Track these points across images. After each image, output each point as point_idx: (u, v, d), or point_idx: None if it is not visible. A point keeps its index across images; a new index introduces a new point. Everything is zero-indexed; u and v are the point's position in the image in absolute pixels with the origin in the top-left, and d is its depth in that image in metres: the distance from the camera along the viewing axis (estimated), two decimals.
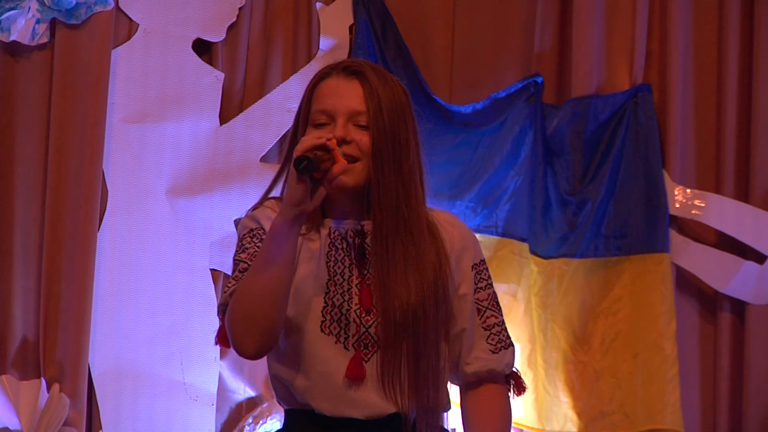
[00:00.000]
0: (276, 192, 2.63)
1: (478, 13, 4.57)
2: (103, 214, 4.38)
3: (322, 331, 2.53)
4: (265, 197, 2.62)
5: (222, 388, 4.39)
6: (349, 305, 2.53)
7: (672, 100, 4.38)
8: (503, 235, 4.37)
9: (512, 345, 2.66)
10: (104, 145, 4.34)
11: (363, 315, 2.53)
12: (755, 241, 4.33)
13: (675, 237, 4.35)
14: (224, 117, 4.47)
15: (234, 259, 2.55)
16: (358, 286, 2.54)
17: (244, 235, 2.56)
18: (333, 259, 2.55)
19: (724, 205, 4.35)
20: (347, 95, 2.55)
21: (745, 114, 4.38)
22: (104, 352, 4.36)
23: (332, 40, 4.48)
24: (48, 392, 4.24)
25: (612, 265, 4.34)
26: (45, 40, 4.33)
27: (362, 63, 2.60)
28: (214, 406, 4.38)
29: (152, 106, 4.43)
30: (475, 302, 2.62)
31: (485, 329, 2.62)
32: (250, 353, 2.46)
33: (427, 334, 2.52)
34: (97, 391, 4.34)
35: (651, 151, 4.33)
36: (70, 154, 4.30)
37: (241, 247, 2.55)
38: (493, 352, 2.62)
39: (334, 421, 2.53)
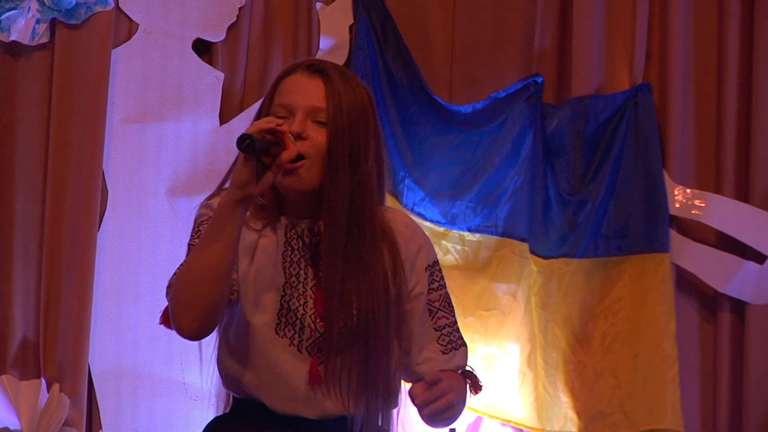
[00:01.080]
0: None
1: (478, 13, 4.57)
2: (103, 214, 4.38)
3: (276, 333, 2.54)
4: (221, 186, 2.62)
5: (222, 388, 4.38)
6: (304, 309, 2.54)
7: (672, 100, 4.38)
8: (503, 235, 4.37)
9: (464, 345, 2.66)
10: (104, 145, 4.34)
11: (317, 320, 2.53)
12: (755, 241, 4.33)
13: (675, 237, 4.35)
14: (224, 117, 4.47)
15: (188, 244, 2.56)
16: (313, 289, 2.54)
17: (201, 222, 2.57)
18: (289, 259, 2.56)
19: (724, 205, 4.35)
20: (308, 92, 2.55)
21: (745, 114, 4.38)
22: (104, 352, 4.36)
23: (332, 40, 4.48)
24: (48, 392, 4.24)
25: (612, 265, 4.34)
26: (45, 40, 4.33)
27: (326, 63, 2.60)
28: (215, 406, 4.37)
29: (152, 106, 4.43)
30: (427, 303, 2.62)
31: (436, 330, 2.63)
32: (188, 332, 2.47)
33: (378, 339, 2.52)
34: (97, 391, 4.34)
35: (651, 151, 4.33)
36: (70, 154, 4.30)
37: (196, 233, 2.56)
38: (444, 353, 2.63)
39: (285, 419, 2.55)
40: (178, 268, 2.52)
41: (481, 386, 2.67)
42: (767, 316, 4.32)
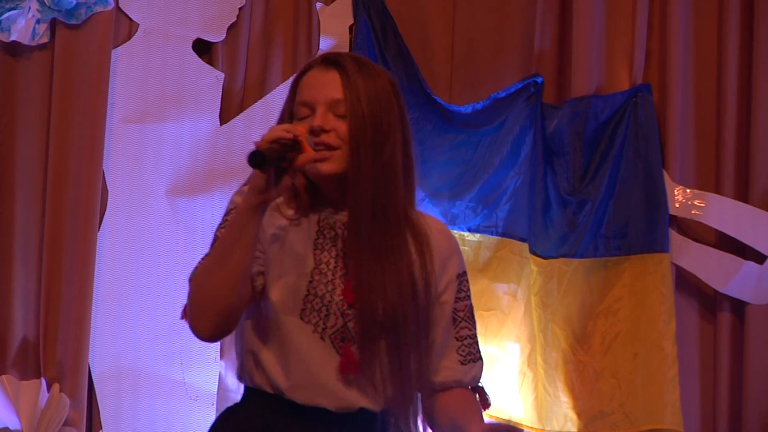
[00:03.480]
0: None
1: (478, 13, 4.57)
2: (103, 214, 4.38)
3: (301, 318, 2.53)
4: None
5: (222, 388, 4.39)
6: (332, 296, 2.53)
7: (672, 100, 4.37)
8: (503, 235, 4.37)
9: (481, 360, 2.66)
10: (104, 145, 4.34)
11: (345, 308, 2.53)
12: (755, 241, 4.33)
13: (675, 237, 4.35)
14: (224, 117, 4.47)
15: (215, 233, 2.55)
16: (342, 278, 2.54)
17: (230, 210, 2.57)
18: (320, 247, 2.56)
19: (724, 205, 4.35)
20: (325, 85, 2.55)
21: (745, 114, 4.38)
22: (104, 352, 4.36)
23: (332, 40, 4.48)
24: (48, 392, 4.24)
25: (612, 265, 4.34)
26: (45, 40, 4.33)
27: (342, 54, 2.61)
28: (214, 406, 4.38)
29: (152, 106, 4.43)
30: (453, 312, 2.62)
31: (457, 340, 2.63)
32: (204, 336, 2.47)
33: (406, 332, 2.52)
34: (97, 391, 4.34)
35: (651, 151, 4.33)
36: (70, 154, 4.30)
37: (223, 222, 2.56)
38: (462, 363, 2.63)
39: (303, 409, 2.54)
40: (200, 261, 2.52)
41: (489, 404, 2.67)
42: (767, 316, 4.33)
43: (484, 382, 2.68)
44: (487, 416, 4.33)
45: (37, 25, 4.30)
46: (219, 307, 2.43)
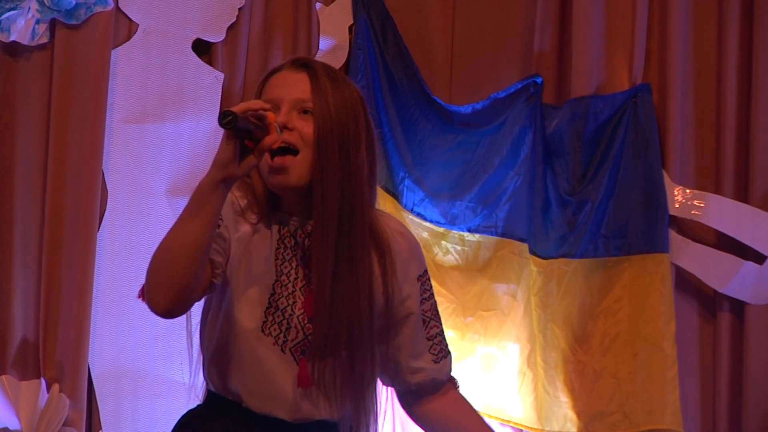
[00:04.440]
0: None
1: (478, 14, 4.57)
2: (103, 214, 4.38)
3: (262, 331, 2.52)
4: None
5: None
6: (292, 310, 2.53)
7: (672, 100, 4.37)
8: (503, 235, 4.37)
9: (450, 353, 2.69)
10: (104, 145, 4.34)
11: (305, 322, 2.53)
12: (755, 241, 4.33)
13: (675, 237, 4.35)
14: None
15: None
16: (302, 290, 2.54)
17: None
18: (281, 257, 2.55)
19: (724, 205, 4.35)
20: (293, 85, 2.54)
21: (744, 114, 4.38)
22: (104, 352, 4.36)
23: (332, 41, 4.48)
24: (48, 392, 4.24)
25: (611, 266, 4.34)
26: (45, 40, 4.33)
27: (313, 59, 2.60)
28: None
29: (152, 107, 4.43)
30: (421, 313, 2.63)
31: (428, 339, 2.65)
32: (159, 308, 2.41)
33: (362, 344, 2.52)
34: (97, 391, 4.34)
35: (650, 152, 4.33)
36: (70, 154, 4.30)
37: None
38: (435, 362, 2.65)
39: (260, 418, 2.55)
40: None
41: (458, 386, 2.72)
42: (767, 316, 4.33)
43: (456, 374, 2.73)
44: (486, 416, 4.35)
45: (36, 25, 4.30)
46: (175, 280, 2.38)
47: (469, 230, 4.39)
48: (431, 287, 2.66)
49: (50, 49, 4.35)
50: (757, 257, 4.32)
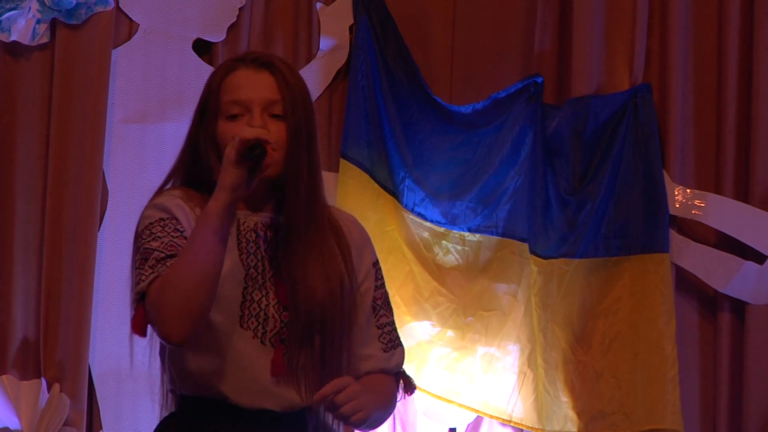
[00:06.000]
0: (170, 185, 2.63)
1: (478, 13, 4.57)
2: (103, 214, 4.38)
3: (241, 326, 2.53)
4: (162, 188, 2.63)
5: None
6: (267, 300, 2.54)
7: (672, 100, 4.37)
8: (503, 235, 4.37)
9: (401, 345, 2.70)
10: (104, 145, 4.34)
11: (281, 310, 2.54)
12: (755, 241, 4.33)
13: (675, 237, 4.35)
14: None
15: (143, 248, 2.54)
16: (272, 280, 2.55)
17: (152, 224, 2.55)
18: (245, 251, 2.55)
19: (724, 205, 4.35)
20: (260, 86, 2.55)
21: (745, 114, 4.38)
22: (104, 352, 4.36)
23: (332, 41, 4.48)
24: (48, 392, 4.24)
25: (612, 265, 4.33)
26: (45, 40, 4.33)
27: (269, 54, 2.62)
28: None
29: (152, 106, 4.43)
30: (372, 300, 2.65)
31: (378, 328, 2.66)
32: (178, 339, 2.43)
33: (334, 328, 2.54)
34: (97, 391, 4.34)
35: (651, 151, 4.33)
36: (71, 154, 4.30)
37: (150, 236, 2.54)
38: (384, 351, 2.66)
39: (248, 413, 2.54)
40: (146, 275, 2.51)
41: (414, 387, 2.70)
42: (767, 316, 4.33)
43: (405, 368, 2.72)
44: (487, 416, 4.35)
45: (37, 25, 4.30)
46: (196, 308, 2.41)
47: (470, 230, 4.39)
48: (383, 277, 2.69)
49: (51, 49, 4.35)
50: (758, 257, 4.32)
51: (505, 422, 4.34)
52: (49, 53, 4.35)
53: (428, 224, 4.38)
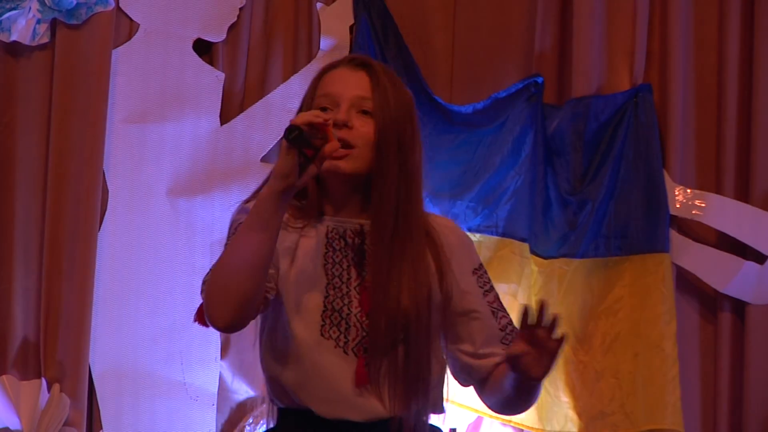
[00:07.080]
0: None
1: (478, 13, 4.57)
2: (103, 214, 4.38)
3: (322, 335, 2.51)
4: (258, 190, 2.59)
5: (222, 388, 4.39)
6: (349, 309, 2.51)
7: (672, 100, 4.37)
8: (503, 235, 4.37)
9: None
10: (104, 145, 4.34)
11: (363, 319, 2.51)
12: (755, 241, 4.33)
13: (675, 237, 4.35)
14: (225, 117, 4.47)
15: (225, 245, 2.53)
16: (357, 288, 2.52)
17: (237, 225, 2.52)
18: (330, 260, 2.54)
19: (725, 205, 4.35)
20: (353, 82, 2.55)
21: (745, 114, 4.38)
22: (104, 352, 4.36)
23: (333, 40, 4.48)
24: (48, 392, 4.24)
25: (612, 265, 4.34)
26: (45, 40, 4.33)
27: (371, 58, 2.61)
28: (215, 406, 4.37)
29: (153, 106, 4.43)
30: (488, 305, 2.62)
31: (501, 330, 2.63)
32: (222, 324, 2.44)
33: (418, 338, 2.50)
34: (97, 391, 4.34)
35: (651, 151, 4.33)
36: (71, 154, 4.30)
37: (231, 237, 2.53)
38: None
39: (331, 424, 2.52)
40: (212, 266, 2.50)
41: None
42: (767, 316, 4.33)
43: None
44: (487, 416, 4.34)
45: (37, 25, 4.30)
46: (238, 293, 2.40)
47: (470, 230, 4.38)
48: (490, 279, 2.66)
49: (51, 49, 4.35)
50: (758, 257, 4.32)
51: (505, 422, 4.34)
52: (49, 53, 4.35)
53: None
